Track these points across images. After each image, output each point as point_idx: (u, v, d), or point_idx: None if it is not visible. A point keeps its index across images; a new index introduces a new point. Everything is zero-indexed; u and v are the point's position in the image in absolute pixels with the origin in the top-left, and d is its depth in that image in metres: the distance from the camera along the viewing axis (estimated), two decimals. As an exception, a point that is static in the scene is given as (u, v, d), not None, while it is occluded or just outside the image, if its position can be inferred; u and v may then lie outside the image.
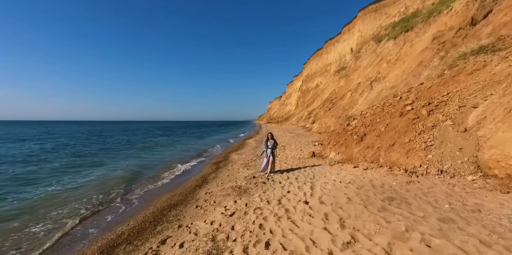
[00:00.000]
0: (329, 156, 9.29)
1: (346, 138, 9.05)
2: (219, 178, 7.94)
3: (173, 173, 9.82)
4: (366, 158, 7.35)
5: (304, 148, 12.41)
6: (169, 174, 9.64)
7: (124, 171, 10.28)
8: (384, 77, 17.59)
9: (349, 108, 22.24)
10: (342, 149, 8.77)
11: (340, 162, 8.00)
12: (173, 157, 14.26)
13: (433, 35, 13.97)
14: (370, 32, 47.46)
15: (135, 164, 11.89)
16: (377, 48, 28.52)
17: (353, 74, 32.17)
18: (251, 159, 11.19)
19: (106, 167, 11.32)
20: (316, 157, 9.74)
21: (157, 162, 12.58)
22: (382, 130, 7.68)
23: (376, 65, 24.84)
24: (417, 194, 3.94)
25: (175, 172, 10.00)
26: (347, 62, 53.03)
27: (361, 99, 19.80)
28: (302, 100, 76.99)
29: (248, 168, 8.88)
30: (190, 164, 11.78)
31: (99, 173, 10.02)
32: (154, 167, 11.10)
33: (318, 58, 79.75)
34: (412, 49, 16.37)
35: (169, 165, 11.53)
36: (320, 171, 7.09)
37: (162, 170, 10.32)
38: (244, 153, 13.34)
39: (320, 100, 48.13)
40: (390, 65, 18.16)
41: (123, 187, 7.83)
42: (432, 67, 11.61)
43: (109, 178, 9.16)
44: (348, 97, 25.74)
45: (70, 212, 5.80)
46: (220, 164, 10.76)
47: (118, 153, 16.09)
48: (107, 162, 12.68)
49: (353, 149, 8.25)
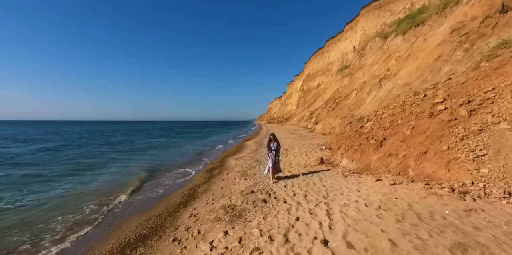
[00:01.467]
0: (340, 164, 7.94)
1: (361, 143, 7.70)
2: (211, 192, 6.61)
3: (159, 183, 8.49)
4: (389, 168, 6.01)
5: (310, 152, 11.06)
6: (154, 185, 8.30)
7: (103, 181, 8.94)
8: (394, 74, 16.22)
9: (355, 108, 20.88)
10: (356, 156, 7.42)
11: (356, 172, 6.66)
12: (165, 162, 12.94)
13: (452, 27, 12.63)
14: (373, 30, 46.10)
15: (119, 172, 10.57)
16: (384, 44, 27.14)
17: (358, 73, 30.79)
18: (250, 165, 9.85)
19: (83, 176, 9.91)
20: (325, 164, 8.39)
21: (146, 167, 11.24)
22: (407, 134, 6.33)
23: (383, 62, 23.47)
24: (498, 237, 2.60)
25: (162, 182, 8.67)
26: (350, 60, 51.68)
27: (368, 98, 18.44)
28: (303, 99, 75.69)
29: (245, 178, 7.54)
30: (181, 171, 10.45)
31: (72, 184, 8.65)
32: (139, 175, 9.77)
33: (319, 57, 78.42)
34: (426, 43, 15.01)
35: (158, 172, 10.20)
36: (334, 185, 5.75)
37: (148, 179, 9.01)
38: (243, 158, 12.01)
39: (322, 99, 46.76)
40: (400, 62, 16.78)
41: (94, 203, 6.48)
42: (455, 61, 10.25)
43: (82, 191, 7.79)
44: (353, 96, 24.38)
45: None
46: (214, 172, 9.43)
47: (106, 157, 14.78)
48: (90, 168, 11.35)
49: (370, 157, 6.90)
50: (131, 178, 9.19)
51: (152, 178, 9.31)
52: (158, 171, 10.42)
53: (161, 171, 10.36)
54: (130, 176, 9.52)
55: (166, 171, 10.35)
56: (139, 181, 8.69)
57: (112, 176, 9.68)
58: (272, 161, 6.68)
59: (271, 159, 6.69)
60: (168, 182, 8.50)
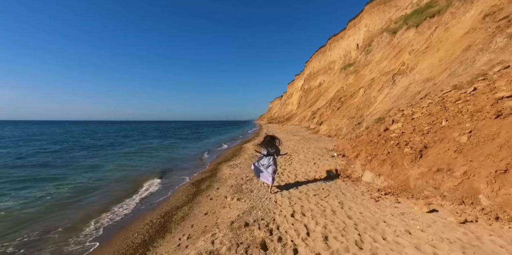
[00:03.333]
0: (362, 178, 6.14)
1: (389, 151, 5.89)
2: (190, 221, 4.81)
3: (127, 201, 6.63)
4: (441, 190, 4.21)
5: (319, 160, 9.25)
6: (115, 209, 6.26)
7: (50, 202, 6.89)
8: (411, 69, 14.42)
9: (364, 107, 19.07)
10: (385, 169, 5.61)
11: (389, 193, 4.87)
12: (149, 169, 11.13)
13: (483, 13, 10.84)
14: (378, 26, 44.26)
15: (85, 184, 8.60)
16: (393, 39, 25.32)
17: (364, 70, 29.00)
18: (246, 176, 8.06)
19: (40, 188, 8.04)
20: (341, 177, 6.59)
21: (122, 178, 9.43)
22: (463, 141, 4.53)
23: (393, 57, 21.67)
24: None
25: (133, 199, 6.85)
26: (353, 58, 49.93)
27: (380, 96, 16.63)
28: (304, 99, 74.00)
29: (239, 198, 5.73)
30: (163, 182, 8.63)
31: (15, 200, 6.79)
32: (107, 190, 7.83)
33: (321, 55, 76.66)
34: (448, 33, 13.22)
35: (134, 185, 8.36)
36: (365, 216, 3.95)
37: (113, 197, 7.08)
38: (238, 165, 10.21)
39: (324, 99, 44.97)
40: (417, 55, 14.99)
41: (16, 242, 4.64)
42: (496, 49, 8.47)
43: (18, 214, 5.92)
44: (360, 95, 22.58)
45: None
46: (202, 185, 7.62)
47: (75, 165, 12.95)
48: (54, 179, 9.49)
49: (407, 171, 5.09)
50: (89, 198, 7.35)
51: (124, 192, 7.52)
52: (131, 183, 8.61)
53: (136, 183, 8.54)
54: (92, 191, 7.67)
55: (140, 183, 8.52)
56: (99, 203, 6.88)
57: (71, 192, 7.83)
58: (267, 171, 5.78)
59: (268, 167, 5.81)
60: (132, 205, 6.59)
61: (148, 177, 9.27)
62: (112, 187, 8.14)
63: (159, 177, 9.30)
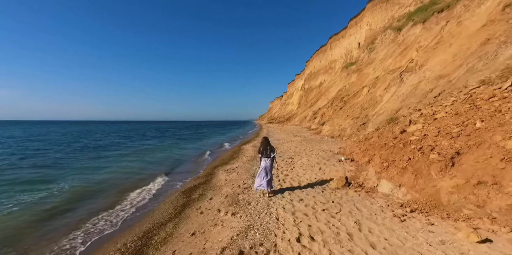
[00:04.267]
0: (378, 188, 5.25)
1: (410, 157, 5.01)
2: (171, 247, 3.89)
3: (101, 222, 5.59)
4: (487, 209, 3.33)
5: (325, 164, 8.35)
6: (89, 226, 5.27)
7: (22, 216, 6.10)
8: (420, 66, 13.53)
9: (368, 106, 18.19)
10: (407, 179, 4.73)
11: (414, 210, 3.98)
12: (140, 174, 10.23)
13: (502, 3, 9.97)
14: (380, 25, 43.38)
15: (62, 194, 7.64)
16: (398, 36, 24.42)
17: (367, 68, 28.11)
18: (244, 183, 7.17)
19: (17, 198, 7.21)
20: (353, 187, 5.70)
21: (107, 185, 8.51)
22: (510, 148, 3.65)
23: (399, 55, 20.78)
24: None
25: (114, 211, 5.95)
26: (355, 57, 49.09)
27: (387, 95, 15.75)
28: (305, 99, 73.20)
29: (234, 212, 4.85)
30: (152, 190, 7.74)
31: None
32: (87, 201, 6.87)
33: (321, 55, 75.84)
34: (460, 27, 12.33)
35: (119, 193, 7.43)
36: (392, 244, 3.08)
37: (92, 209, 6.15)
38: (236, 170, 9.32)
39: (325, 98, 44.11)
40: (427, 51, 14.10)
41: None
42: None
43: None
44: (364, 94, 21.70)
45: None
46: (193, 194, 6.73)
47: (72, 165, 12.08)
48: (40, 182, 8.65)
49: (436, 182, 4.21)
50: (69, 207, 6.48)
51: (105, 202, 6.64)
52: (117, 190, 7.73)
53: (122, 190, 7.65)
54: (69, 204, 6.75)
55: (128, 190, 7.64)
56: (73, 217, 6.01)
57: (34, 199, 6.93)
58: (265, 175, 5.52)
59: (264, 171, 5.55)
60: (118, 214, 5.73)
61: (137, 184, 8.39)
62: (93, 196, 7.25)
63: (148, 184, 8.42)
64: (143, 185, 8.13)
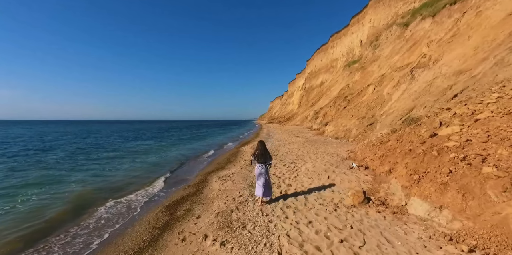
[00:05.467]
0: (408, 209, 4.12)
1: (451, 170, 3.88)
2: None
3: (64, 238, 4.58)
4: None
5: (333, 172, 7.21)
6: (49, 235, 4.33)
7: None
8: (435, 61, 12.39)
9: (375, 105, 17.06)
10: (451, 199, 3.60)
11: (473, 249, 2.87)
12: (124, 181, 9.12)
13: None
14: (383, 22, 42.22)
15: (25, 206, 6.61)
16: (405, 32, 23.24)
17: (371, 66, 26.95)
18: (239, 195, 6.06)
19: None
20: (374, 205, 4.57)
21: (82, 194, 7.37)
22: None
23: (407, 51, 19.63)
24: None
25: (75, 233, 4.81)
26: (357, 55, 47.94)
27: (396, 93, 14.60)
28: (306, 98, 72.10)
29: (224, 242, 3.72)
30: (131, 202, 6.60)
31: None
32: (48, 216, 5.72)
33: (322, 53, 74.69)
34: (480, 18, 11.19)
35: (90, 205, 6.29)
36: None
37: (48, 229, 5.04)
38: (231, 177, 8.20)
39: (327, 98, 42.97)
40: (441, 45, 12.95)
41: None
42: None
43: None
44: (370, 93, 20.56)
45: None
46: (178, 211, 5.60)
47: (55, 168, 10.97)
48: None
49: (499, 207, 3.08)
50: (27, 226, 5.37)
51: (70, 218, 5.52)
52: (93, 201, 6.62)
53: (92, 202, 6.50)
54: (27, 222, 5.64)
55: (98, 203, 6.50)
56: (36, 232, 4.89)
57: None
58: (263, 182, 5.19)
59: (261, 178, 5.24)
60: (72, 242, 4.55)
61: (113, 194, 7.25)
62: (60, 209, 6.13)
63: (129, 194, 7.30)
64: (121, 196, 7.00)
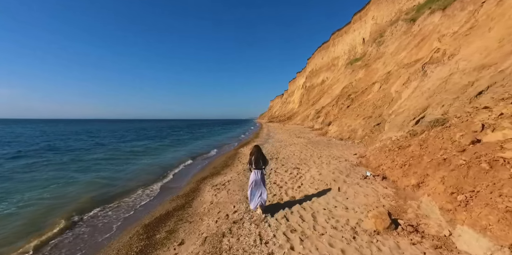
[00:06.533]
0: (457, 243, 3.11)
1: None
2: None
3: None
4: None
5: (344, 182, 6.17)
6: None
7: None
8: (450, 56, 11.32)
9: (382, 104, 16.02)
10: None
11: None
12: (102, 190, 8.10)
13: None
14: (387, 19, 41.05)
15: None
16: (412, 27, 22.15)
17: (376, 63, 25.86)
18: (235, 211, 5.04)
19: None
20: (405, 232, 3.56)
21: (47, 205, 6.36)
22: None
23: (415, 47, 18.55)
24: None
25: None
26: (359, 53, 46.81)
27: (406, 91, 13.56)
28: (307, 97, 71.04)
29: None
30: (103, 217, 5.58)
31: None
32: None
33: (324, 51, 73.53)
34: (502, 8, 10.12)
35: (46, 223, 5.30)
36: None
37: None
38: (227, 185, 7.18)
39: (329, 96, 41.90)
40: (457, 39, 11.88)
41: None
42: None
43: None
44: (375, 91, 19.51)
45: None
46: (157, 234, 4.58)
47: (36, 172, 9.98)
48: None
49: None
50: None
51: (20, 241, 4.52)
52: (47, 220, 5.60)
53: (54, 223, 5.47)
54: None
55: (69, 214, 5.51)
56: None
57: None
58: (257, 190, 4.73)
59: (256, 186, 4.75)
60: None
61: (89, 205, 6.23)
62: (11, 227, 5.13)
63: (108, 202, 6.28)
64: (94, 208, 5.97)
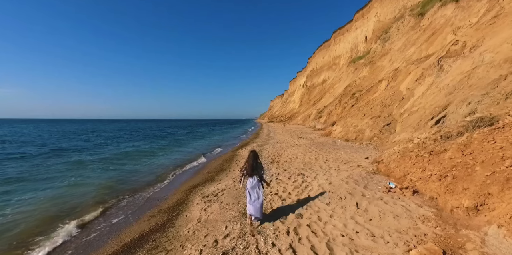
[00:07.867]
0: None
1: None
2: None
3: None
4: None
5: (363, 197, 5.01)
6: None
7: None
8: (472, 48, 10.17)
9: (392, 102, 14.85)
10: None
11: None
12: (73, 203, 6.98)
13: None
14: (390, 15, 39.84)
15: None
16: (420, 21, 20.99)
17: (381, 60, 24.70)
18: (227, 233, 3.90)
19: None
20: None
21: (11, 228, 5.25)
22: None
23: (425, 41, 17.39)
24: None
25: None
26: (362, 51, 45.64)
27: (420, 87, 12.40)
28: (307, 97, 69.87)
29: None
30: (64, 244, 4.48)
31: None
32: None
33: (325, 50, 72.33)
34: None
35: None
36: None
37: None
38: (220, 196, 6.04)
39: (331, 96, 40.73)
40: (479, 29, 10.71)
41: None
42: None
43: None
44: (382, 89, 18.35)
45: None
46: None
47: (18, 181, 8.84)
48: None
49: None
50: None
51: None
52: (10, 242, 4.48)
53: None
54: None
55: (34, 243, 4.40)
56: None
57: None
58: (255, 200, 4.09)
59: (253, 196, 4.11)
60: None
61: (46, 228, 5.08)
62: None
63: (78, 223, 5.13)
64: (49, 233, 4.81)
